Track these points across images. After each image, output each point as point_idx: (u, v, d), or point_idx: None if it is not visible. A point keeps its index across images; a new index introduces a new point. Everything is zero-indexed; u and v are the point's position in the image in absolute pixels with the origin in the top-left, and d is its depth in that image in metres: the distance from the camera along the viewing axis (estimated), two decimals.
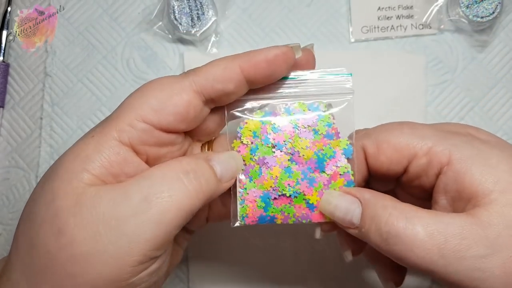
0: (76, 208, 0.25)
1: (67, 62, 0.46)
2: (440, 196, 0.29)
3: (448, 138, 0.29)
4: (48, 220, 0.25)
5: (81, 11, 0.47)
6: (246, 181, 0.31)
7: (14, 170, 0.46)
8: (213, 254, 0.44)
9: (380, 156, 0.30)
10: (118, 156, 0.27)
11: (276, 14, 0.46)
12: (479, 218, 0.26)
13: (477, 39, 0.46)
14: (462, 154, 0.28)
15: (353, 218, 0.29)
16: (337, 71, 0.31)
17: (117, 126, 0.27)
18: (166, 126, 0.28)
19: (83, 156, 0.26)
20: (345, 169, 0.31)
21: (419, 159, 0.29)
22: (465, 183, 0.27)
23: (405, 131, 0.30)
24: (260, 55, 0.28)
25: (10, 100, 0.47)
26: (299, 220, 0.31)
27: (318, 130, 0.31)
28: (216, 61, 0.29)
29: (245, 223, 0.31)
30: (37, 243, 0.25)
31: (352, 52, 0.46)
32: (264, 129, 0.31)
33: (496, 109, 0.45)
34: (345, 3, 0.47)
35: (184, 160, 0.28)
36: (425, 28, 0.46)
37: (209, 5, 0.44)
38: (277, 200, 0.31)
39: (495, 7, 0.44)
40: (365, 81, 0.45)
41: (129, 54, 0.46)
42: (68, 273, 0.25)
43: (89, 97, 0.46)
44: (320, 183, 0.31)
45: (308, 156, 0.31)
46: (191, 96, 0.28)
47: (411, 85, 0.45)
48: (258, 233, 0.44)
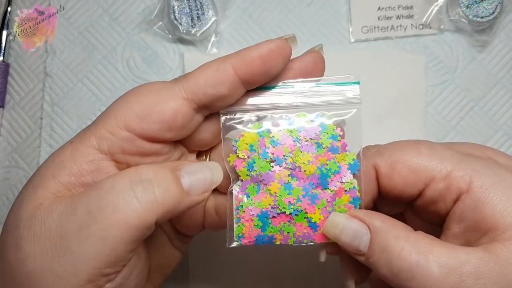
0: (31, 221, 0.24)
1: (67, 62, 0.47)
2: (453, 223, 0.27)
3: (468, 162, 0.27)
4: (11, 230, 0.24)
5: (81, 11, 0.47)
6: (242, 198, 0.29)
7: (14, 170, 0.46)
8: (213, 254, 0.44)
9: (394, 176, 0.28)
10: (92, 165, 0.25)
11: (276, 14, 0.46)
12: (497, 256, 0.24)
13: (477, 39, 0.46)
14: (483, 182, 0.26)
15: (361, 245, 0.26)
16: (343, 78, 0.29)
17: (97, 132, 0.25)
18: (150, 135, 0.26)
19: (57, 162, 0.25)
20: (350, 185, 0.28)
21: (437, 183, 0.27)
22: (485, 214, 0.25)
23: (422, 151, 0.27)
24: (254, 52, 0.26)
25: (10, 100, 0.47)
26: (300, 240, 0.29)
27: (321, 144, 0.28)
28: (207, 64, 0.27)
29: (241, 244, 0.29)
30: (3, 253, 0.25)
31: (352, 52, 0.46)
32: (262, 143, 0.28)
33: (496, 109, 0.45)
34: (345, 3, 0.47)
35: (143, 169, 0.25)
36: (425, 28, 0.46)
37: (209, 5, 0.44)
38: (275, 218, 0.29)
39: (495, 7, 0.44)
40: (365, 81, 0.45)
41: (129, 54, 0.46)
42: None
43: (89, 97, 0.46)
44: (323, 200, 0.28)
45: (311, 171, 0.28)
46: (178, 103, 0.26)
47: (411, 85, 0.45)
48: None
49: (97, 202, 0.23)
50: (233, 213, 0.29)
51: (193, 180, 0.26)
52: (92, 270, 0.23)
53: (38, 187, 0.25)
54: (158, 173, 0.25)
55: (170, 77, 0.46)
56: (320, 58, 0.28)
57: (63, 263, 0.23)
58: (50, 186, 0.25)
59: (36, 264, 0.23)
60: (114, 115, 0.26)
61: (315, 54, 0.28)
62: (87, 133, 0.26)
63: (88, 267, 0.23)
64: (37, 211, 0.24)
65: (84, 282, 0.23)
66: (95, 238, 0.23)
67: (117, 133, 0.25)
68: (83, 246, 0.23)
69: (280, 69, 0.27)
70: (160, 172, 0.25)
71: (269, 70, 0.27)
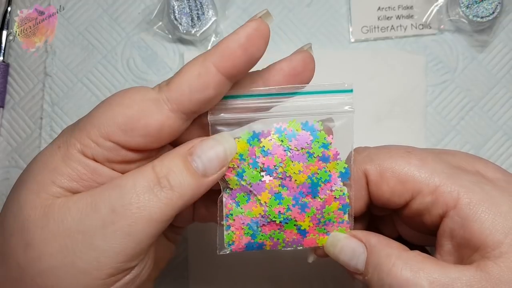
0: (44, 220, 0.24)
1: (67, 62, 0.47)
2: (445, 240, 0.26)
3: (456, 178, 0.26)
4: (16, 232, 0.24)
5: (81, 11, 0.47)
6: (232, 207, 0.28)
7: (14, 170, 0.46)
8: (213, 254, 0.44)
9: (383, 185, 0.28)
10: (88, 168, 0.25)
11: (276, 14, 0.46)
12: (488, 273, 0.24)
13: (477, 39, 0.46)
14: (471, 199, 0.25)
15: (358, 264, 0.27)
16: (336, 86, 0.28)
17: (81, 140, 0.25)
18: (135, 147, 0.26)
19: (51, 169, 0.25)
20: (340, 193, 0.28)
21: (423, 197, 0.27)
22: (474, 231, 0.25)
23: (412, 162, 0.27)
24: (232, 43, 0.24)
25: (10, 100, 0.47)
26: (289, 245, 0.29)
27: (312, 153, 0.28)
28: (187, 67, 0.25)
29: (231, 251, 0.29)
30: (8, 255, 0.25)
31: (352, 52, 0.46)
32: (252, 152, 0.28)
33: (496, 109, 0.45)
34: (345, 3, 0.47)
35: (158, 165, 0.25)
36: (425, 28, 0.46)
37: (209, 5, 0.44)
38: (265, 226, 0.29)
39: (495, 7, 0.44)
40: (365, 81, 0.45)
41: (129, 54, 0.46)
42: (39, 286, 0.24)
43: (89, 97, 0.46)
44: (312, 208, 0.28)
45: (301, 180, 0.28)
46: (164, 116, 0.25)
47: (411, 85, 0.45)
48: None
49: (120, 200, 0.24)
50: (223, 221, 0.29)
51: (206, 162, 0.26)
52: (116, 264, 0.24)
53: (39, 191, 0.25)
54: (172, 168, 0.25)
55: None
56: (310, 57, 0.27)
57: (86, 259, 0.23)
58: (53, 191, 0.25)
59: (54, 262, 0.23)
60: (98, 124, 0.25)
61: (304, 54, 0.27)
62: (71, 139, 0.25)
63: (112, 262, 0.24)
64: (50, 210, 0.24)
65: (106, 276, 0.24)
66: (121, 234, 0.24)
67: (101, 143, 0.25)
68: (109, 242, 0.24)
69: (262, 51, 0.26)
70: (174, 165, 0.25)
71: (252, 56, 0.25)
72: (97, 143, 0.25)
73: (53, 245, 0.24)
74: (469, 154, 0.29)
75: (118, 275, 0.25)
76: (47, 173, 0.25)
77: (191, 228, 0.44)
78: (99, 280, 0.24)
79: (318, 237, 0.29)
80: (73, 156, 0.25)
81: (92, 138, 0.25)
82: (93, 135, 0.25)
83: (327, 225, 0.29)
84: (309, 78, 0.27)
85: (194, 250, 0.44)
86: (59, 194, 0.25)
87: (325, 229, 0.29)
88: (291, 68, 0.27)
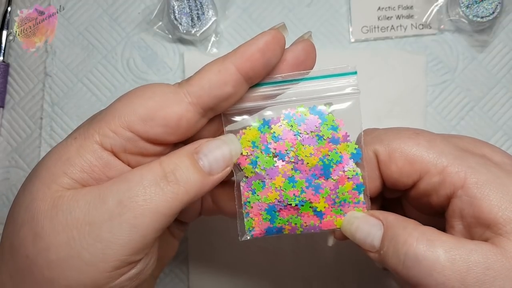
0: (53, 212, 0.24)
1: (67, 62, 0.47)
2: (455, 221, 0.27)
3: (464, 159, 0.27)
4: (26, 223, 0.25)
5: (81, 11, 0.47)
6: (249, 194, 0.29)
7: (14, 170, 0.46)
8: (213, 254, 0.44)
9: (391, 165, 0.28)
10: (101, 161, 0.26)
11: (276, 14, 0.46)
12: (504, 249, 0.24)
13: (477, 39, 0.46)
14: (478, 179, 0.26)
15: (374, 241, 0.27)
16: (340, 69, 0.28)
17: (100, 130, 0.26)
18: (153, 138, 0.26)
19: (64, 159, 0.25)
20: (353, 173, 0.29)
21: (431, 177, 0.27)
22: (483, 209, 0.25)
23: (421, 143, 0.28)
24: (252, 47, 0.26)
25: (10, 100, 0.47)
26: (307, 229, 0.30)
27: (322, 135, 0.29)
28: (207, 66, 0.27)
29: (252, 236, 0.30)
30: (18, 247, 0.25)
31: (352, 52, 0.46)
32: (264, 138, 0.29)
33: (496, 109, 0.45)
34: (345, 3, 0.47)
35: (165, 161, 0.26)
36: (425, 28, 0.46)
37: (209, 5, 0.44)
38: (283, 211, 0.29)
39: (495, 7, 0.44)
40: (365, 81, 0.45)
41: (129, 54, 0.46)
42: (46, 278, 0.24)
43: (89, 97, 0.46)
44: (326, 189, 0.29)
45: (313, 163, 0.29)
46: (183, 108, 0.26)
47: (411, 85, 0.45)
48: None
49: (127, 192, 0.25)
50: (242, 208, 0.30)
51: (212, 161, 0.27)
52: (121, 257, 0.24)
53: (50, 183, 0.25)
54: (179, 164, 0.26)
55: (170, 77, 0.46)
56: (311, 46, 0.28)
57: (92, 251, 0.24)
58: (63, 182, 0.25)
59: (61, 253, 0.24)
60: (118, 115, 0.26)
61: (305, 43, 0.28)
62: (89, 130, 0.26)
63: (118, 254, 0.24)
64: (59, 202, 0.24)
65: (112, 268, 0.24)
66: (127, 226, 0.24)
67: (120, 133, 0.26)
68: (115, 234, 0.24)
69: (278, 58, 0.27)
70: (181, 162, 0.26)
71: (269, 61, 0.27)
72: (117, 132, 0.26)
73: (61, 236, 0.24)
74: (476, 138, 0.30)
75: (123, 269, 0.25)
76: (60, 164, 0.25)
77: (191, 228, 0.44)
78: (104, 273, 0.24)
79: (335, 218, 0.30)
80: (89, 147, 0.26)
81: (112, 128, 0.26)
82: (113, 125, 0.26)
83: (343, 206, 0.30)
84: (311, 66, 0.28)
85: (194, 249, 0.44)
86: (69, 185, 0.25)
87: (342, 210, 0.30)
88: (294, 58, 0.28)
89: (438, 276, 0.24)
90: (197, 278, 0.44)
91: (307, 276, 0.44)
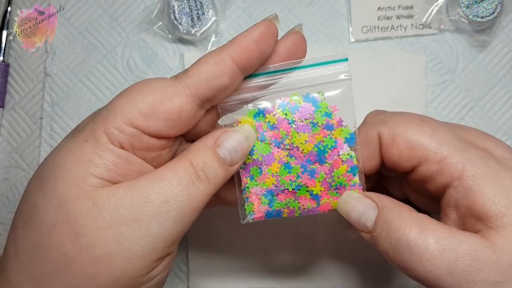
0: (94, 210, 0.25)
1: (67, 62, 0.47)
2: (450, 210, 0.28)
3: (464, 151, 0.28)
4: (60, 225, 0.25)
5: (81, 11, 0.47)
6: (247, 180, 0.30)
7: (14, 170, 0.46)
8: (213, 253, 0.44)
9: (393, 148, 0.29)
10: (121, 158, 0.27)
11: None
12: (493, 242, 0.25)
13: (477, 39, 0.46)
14: (475, 172, 0.27)
15: (367, 222, 0.28)
16: (332, 56, 0.29)
17: (105, 129, 0.26)
18: (156, 132, 0.27)
19: (85, 161, 0.26)
20: (347, 156, 0.30)
21: (430, 165, 0.28)
22: (477, 202, 0.26)
23: (425, 130, 0.29)
24: (247, 38, 0.27)
25: (10, 100, 0.47)
26: (305, 211, 0.31)
27: (316, 122, 0.29)
28: (204, 58, 0.27)
29: (253, 220, 0.31)
30: (49, 249, 0.25)
31: (352, 52, 0.46)
32: (259, 127, 0.30)
33: (496, 109, 0.45)
34: (345, 3, 0.47)
35: (194, 158, 0.27)
36: (425, 28, 0.46)
37: (209, 5, 0.44)
38: (280, 195, 0.31)
39: (495, 7, 0.44)
40: (365, 81, 0.45)
41: (129, 54, 0.46)
42: (88, 274, 0.25)
43: (89, 97, 0.46)
44: (321, 173, 0.30)
45: (308, 149, 0.30)
46: (183, 101, 0.27)
47: (411, 85, 0.45)
48: (258, 232, 0.44)
49: (171, 192, 0.26)
50: (242, 194, 0.31)
51: (233, 153, 0.28)
52: (165, 249, 0.26)
53: (80, 184, 0.26)
54: (207, 162, 0.27)
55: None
56: (302, 38, 0.29)
57: (143, 244, 0.25)
58: (94, 182, 0.26)
59: (108, 248, 0.25)
60: (120, 112, 0.26)
61: (297, 35, 0.29)
62: (97, 131, 0.26)
63: (163, 245, 0.26)
64: (99, 201, 0.25)
65: (156, 258, 0.26)
66: (173, 222, 0.26)
67: (124, 130, 0.26)
68: (163, 229, 0.26)
69: (272, 48, 0.28)
70: (208, 160, 0.27)
71: (264, 52, 0.28)
72: (120, 130, 0.26)
73: (107, 232, 0.25)
74: (482, 131, 0.30)
75: (162, 259, 0.27)
76: (82, 166, 0.26)
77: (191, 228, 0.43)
78: (150, 263, 0.26)
79: (332, 200, 0.31)
80: (105, 148, 0.26)
81: (115, 125, 0.26)
82: (117, 123, 0.26)
83: (339, 189, 0.31)
84: (302, 57, 0.29)
85: (194, 249, 0.44)
86: (101, 184, 0.26)
87: (338, 192, 0.31)
88: (286, 49, 0.29)
89: (427, 264, 0.25)
90: (197, 278, 0.44)
91: (308, 273, 0.44)
